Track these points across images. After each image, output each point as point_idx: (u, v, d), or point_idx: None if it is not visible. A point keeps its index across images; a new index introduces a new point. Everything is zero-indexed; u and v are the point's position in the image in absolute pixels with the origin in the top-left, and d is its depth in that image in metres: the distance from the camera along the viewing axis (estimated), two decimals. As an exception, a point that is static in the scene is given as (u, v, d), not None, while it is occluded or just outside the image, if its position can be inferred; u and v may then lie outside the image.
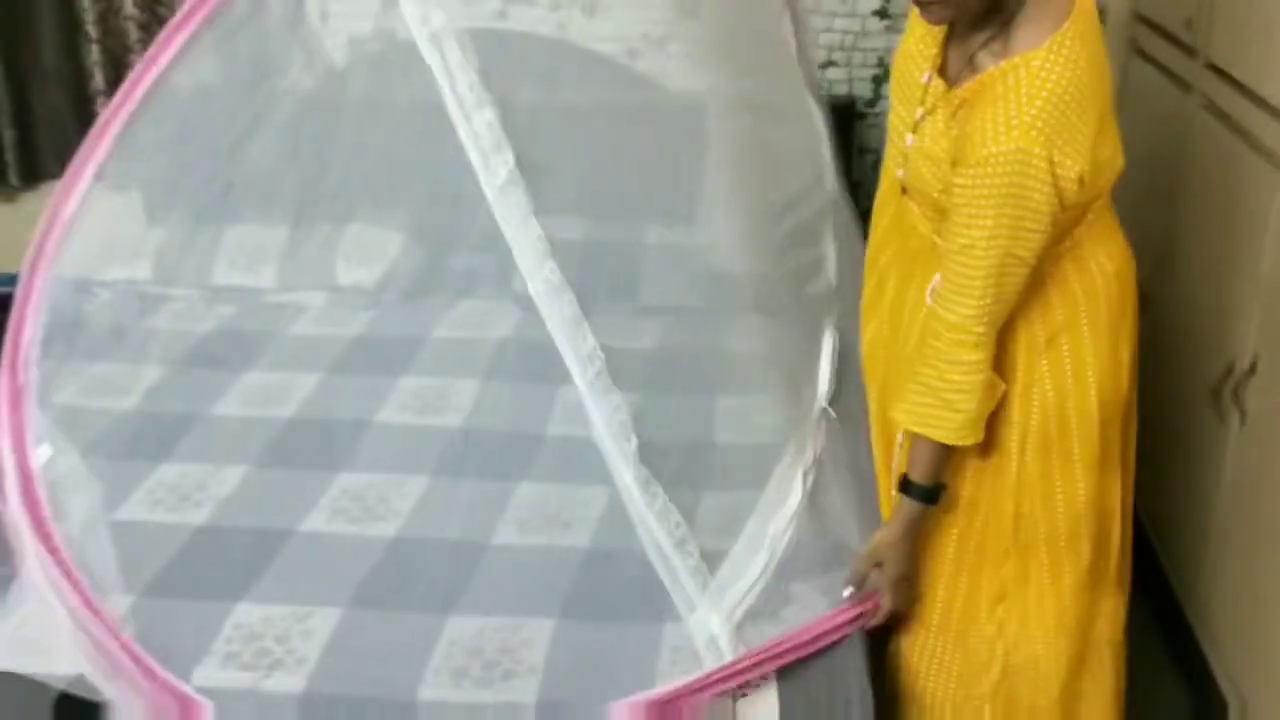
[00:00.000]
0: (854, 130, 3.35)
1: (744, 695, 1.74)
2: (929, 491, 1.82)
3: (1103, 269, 1.82)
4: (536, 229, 1.85)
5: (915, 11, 1.79)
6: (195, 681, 1.74)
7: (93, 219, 2.22)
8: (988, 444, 1.84)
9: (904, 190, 1.86)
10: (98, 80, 3.37)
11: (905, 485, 1.83)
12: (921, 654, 1.99)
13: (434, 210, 2.65)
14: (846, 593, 1.88)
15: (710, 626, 1.81)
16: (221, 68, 2.35)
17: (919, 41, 1.81)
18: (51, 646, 1.81)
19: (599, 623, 1.85)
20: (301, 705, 1.72)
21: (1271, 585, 2.06)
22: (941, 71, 1.77)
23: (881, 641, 2.08)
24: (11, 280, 2.24)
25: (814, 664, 1.80)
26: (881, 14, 3.30)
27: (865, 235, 2.07)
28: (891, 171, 1.90)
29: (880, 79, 3.38)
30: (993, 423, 1.80)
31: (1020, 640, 1.92)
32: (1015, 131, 1.60)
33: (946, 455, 1.81)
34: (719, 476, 2.12)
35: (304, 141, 2.63)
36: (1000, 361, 1.78)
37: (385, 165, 2.67)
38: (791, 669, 1.79)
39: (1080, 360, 1.82)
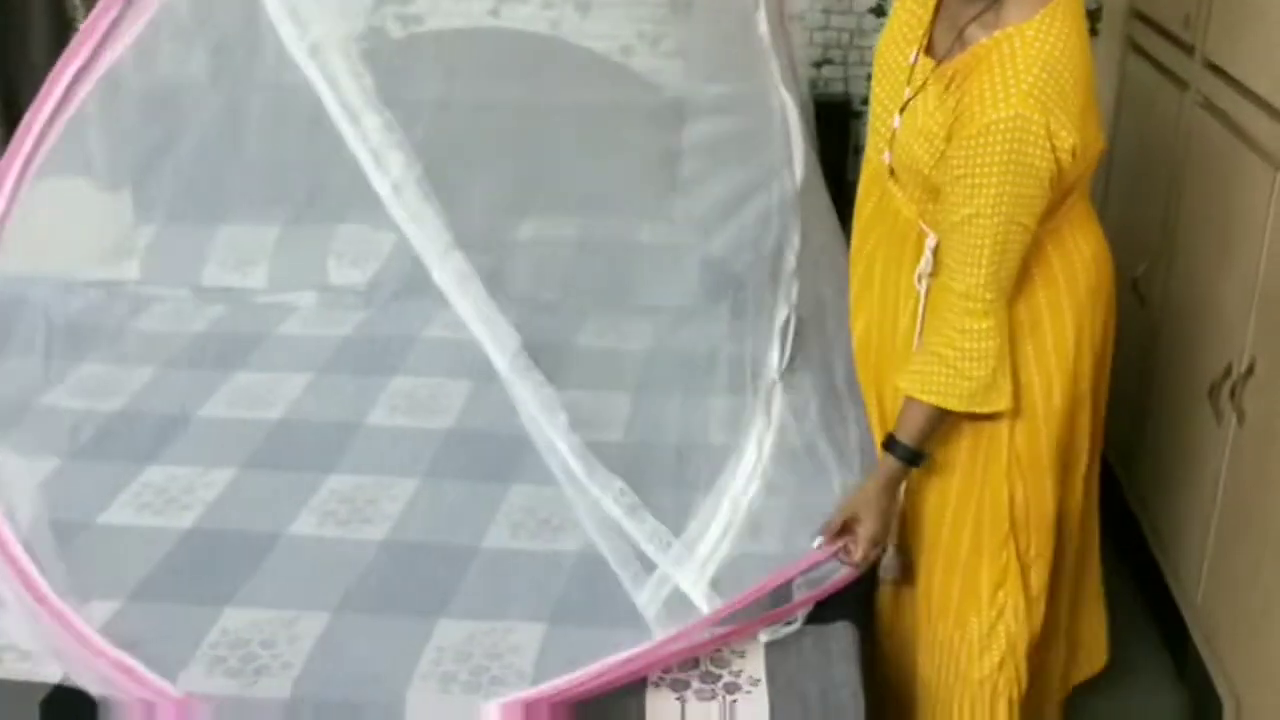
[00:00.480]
0: (850, 128, 3.33)
1: (733, 700, 1.72)
2: (913, 453, 1.83)
3: (1081, 253, 1.84)
4: (437, 224, 1.86)
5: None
6: (181, 687, 1.72)
7: (75, 217, 2.20)
8: (981, 430, 1.85)
9: (891, 173, 1.85)
10: (88, 79, 3.35)
11: (890, 443, 1.84)
12: (918, 641, 2.00)
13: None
14: (816, 543, 1.89)
15: (680, 586, 1.82)
16: (209, 63, 2.33)
17: (903, 25, 1.83)
18: (32, 649, 1.79)
19: (589, 628, 1.83)
20: (287, 711, 1.70)
21: (1269, 586, 2.05)
22: (928, 51, 1.79)
23: (873, 631, 2.07)
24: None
25: (804, 659, 1.79)
26: (878, 12, 3.28)
27: (845, 224, 2.09)
28: (873, 160, 1.91)
29: (876, 77, 3.36)
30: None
31: (1022, 624, 1.93)
32: (1014, 98, 1.62)
33: (937, 424, 1.82)
34: (705, 476, 2.11)
35: (294, 140, 2.61)
36: None
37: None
38: (781, 666, 1.77)
39: (1063, 342, 1.84)
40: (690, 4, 2.88)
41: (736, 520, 1.97)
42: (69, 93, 1.96)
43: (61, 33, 3.33)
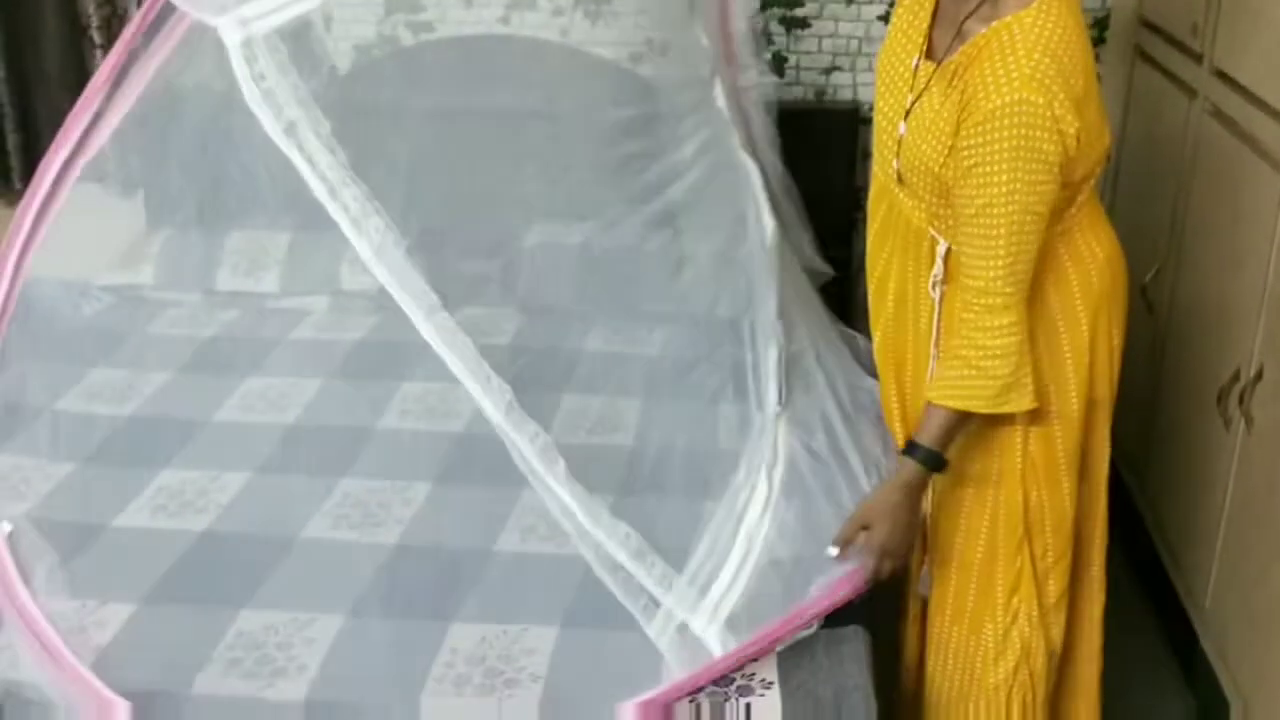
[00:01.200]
0: (858, 134, 3.34)
1: (746, 703, 1.73)
2: (933, 456, 1.80)
3: (1094, 255, 1.85)
4: (421, 284, 1.89)
5: (899, 9, 1.85)
6: (196, 689, 1.74)
7: (89, 222, 2.22)
8: (995, 435, 1.85)
9: (899, 180, 1.86)
10: (101, 85, 3.38)
11: (910, 448, 1.81)
12: (932, 645, 2.00)
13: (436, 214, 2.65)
14: (832, 553, 1.87)
15: (691, 627, 1.81)
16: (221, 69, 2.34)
17: (901, 34, 1.85)
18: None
19: (602, 630, 1.84)
20: (303, 713, 1.71)
21: (1277, 591, 2.06)
22: (929, 55, 1.80)
23: (886, 637, 2.08)
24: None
25: (816, 662, 1.80)
26: (886, 19, 3.29)
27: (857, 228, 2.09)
28: (879, 175, 1.93)
29: (884, 84, 3.37)
30: (998, 415, 1.81)
31: (1036, 630, 1.93)
32: (1016, 82, 1.63)
33: (960, 427, 1.80)
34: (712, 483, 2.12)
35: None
36: None
37: (388, 169, 2.66)
38: (793, 669, 1.78)
39: (1079, 345, 1.84)
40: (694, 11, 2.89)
41: (750, 559, 1.93)
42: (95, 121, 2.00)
43: (75, 41, 3.35)
